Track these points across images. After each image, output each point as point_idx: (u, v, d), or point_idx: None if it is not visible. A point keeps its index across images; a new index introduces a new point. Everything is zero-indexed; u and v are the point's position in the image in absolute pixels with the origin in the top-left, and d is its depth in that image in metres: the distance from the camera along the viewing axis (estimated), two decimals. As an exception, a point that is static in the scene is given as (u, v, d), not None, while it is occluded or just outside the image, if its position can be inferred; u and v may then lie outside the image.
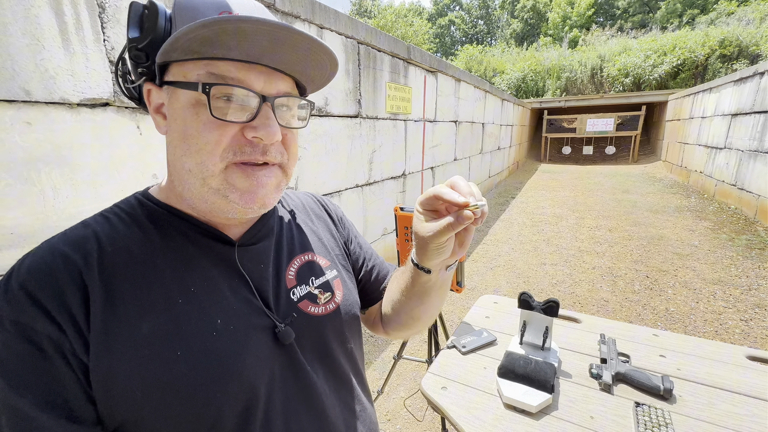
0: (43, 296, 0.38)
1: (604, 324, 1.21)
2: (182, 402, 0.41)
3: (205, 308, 0.45)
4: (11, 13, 1.07)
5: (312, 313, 0.55)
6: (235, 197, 0.45)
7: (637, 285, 3.44)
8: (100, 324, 0.40)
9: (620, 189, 7.88)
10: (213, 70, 0.41)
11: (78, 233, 0.44)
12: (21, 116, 1.12)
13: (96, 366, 0.39)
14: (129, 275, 0.43)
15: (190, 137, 0.43)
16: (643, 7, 29.55)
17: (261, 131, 0.43)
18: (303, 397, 0.51)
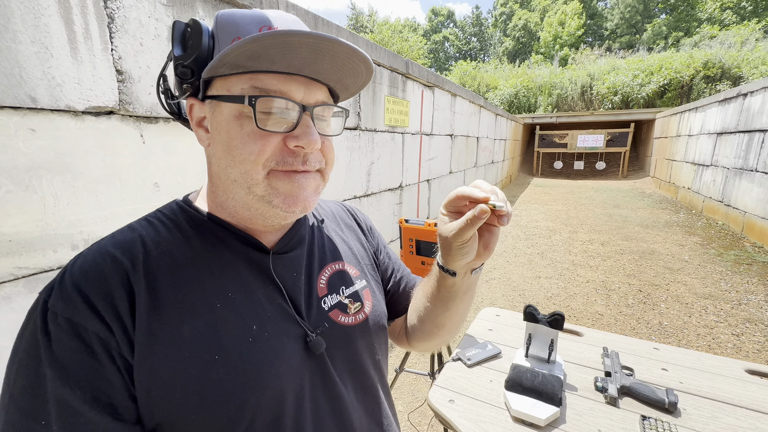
0: (94, 297, 0.40)
1: (606, 337, 1.22)
2: (218, 405, 0.42)
3: (242, 314, 0.46)
4: (21, 21, 1.08)
5: (342, 322, 0.55)
6: (279, 201, 0.46)
7: (631, 299, 3.48)
8: (145, 325, 0.41)
9: (611, 204, 8.02)
10: (257, 83, 0.43)
11: (126, 237, 0.46)
12: (26, 123, 1.12)
13: (139, 366, 0.40)
14: (171, 279, 0.44)
15: (235, 148, 0.44)
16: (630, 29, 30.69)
17: (302, 140, 0.44)
18: (331, 408, 0.50)
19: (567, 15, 28.01)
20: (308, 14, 2.25)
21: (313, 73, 0.45)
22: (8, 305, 1.12)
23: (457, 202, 0.48)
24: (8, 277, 1.12)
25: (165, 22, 1.46)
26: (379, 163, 3.33)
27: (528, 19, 33.68)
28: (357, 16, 27.72)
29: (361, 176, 3.07)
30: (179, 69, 0.44)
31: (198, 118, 0.48)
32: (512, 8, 36.56)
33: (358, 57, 0.44)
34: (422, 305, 0.61)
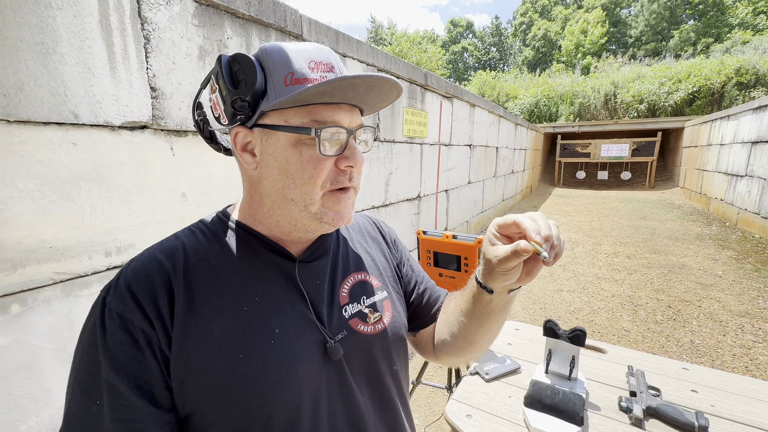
0: (141, 296, 0.45)
1: (631, 355, 1.18)
2: (240, 400, 0.45)
3: (266, 317, 0.50)
4: (68, 44, 1.17)
5: (361, 331, 0.57)
6: (329, 218, 0.52)
7: (660, 315, 3.33)
8: (182, 323, 0.46)
9: (637, 215, 7.74)
10: (315, 117, 0.48)
11: (171, 244, 0.52)
12: (68, 137, 1.20)
13: (175, 359, 0.45)
14: (206, 282, 0.49)
15: (294, 172, 0.49)
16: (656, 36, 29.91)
17: (351, 160, 0.51)
18: (347, 413, 0.52)
19: (589, 23, 27.62)
20: (329, 30, 2.32)
21: (359, 103, 0.52)
22: (47, 308, 1.19)
23: (510, 228, 0.48)
24: (48, 282, 1.19)
25: (195, 42, 1.54)
26: (397, 174, 3.35)
27: (548, 28, 33.40)
28: (377, 29, 28.25)
29: (380, 186, 3.10)
30: (238, 103, 0.47)
31: (243, 143, 0.52)
32: (532, 18, 36.38)
33: (396, 88, 0.50)
34: (455, 320, 0.61)
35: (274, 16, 1.88)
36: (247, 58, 0.47)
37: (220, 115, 0.51)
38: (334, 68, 0.49)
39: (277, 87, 0.47)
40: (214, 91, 0.51)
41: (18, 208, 1.10)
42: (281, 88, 0.47)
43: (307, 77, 0.47)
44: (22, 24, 1.06)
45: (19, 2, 1.05)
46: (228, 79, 0.48)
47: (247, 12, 1.71)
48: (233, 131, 0.52)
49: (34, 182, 1.13)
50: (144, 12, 1.35)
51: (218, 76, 0.49)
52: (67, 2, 1.15)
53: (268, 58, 0.48)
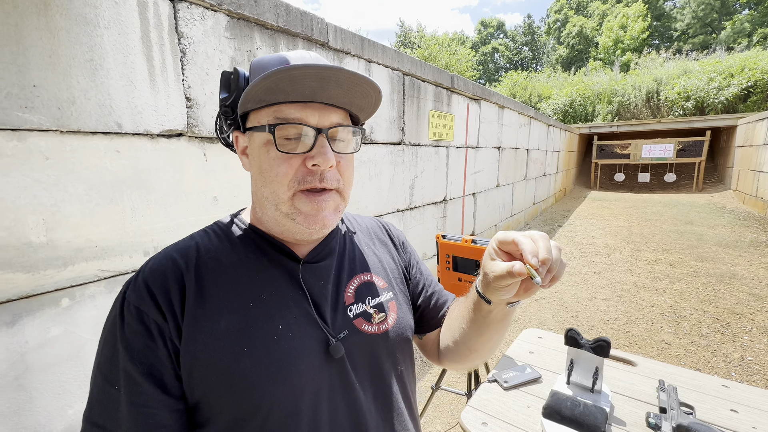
0: (156, 291, 0.49)
1: (664, 369, 1.11)
2: (243, 391, 0.48)
3: (271, 314, 0.52)
4: (113, 60, 1.27)
5: (365, 330, 0.58)
6: (301, 219, 0.52)
7: (706, 328, 3.09)
8: (192, 316, 0.49)
9: (683, 220, 7.24)
10: (278, 114, 0.50)
11: (185, 243, 0.56)
12: (113, 145, 1.30)
13: (185, 350, 0.48)
14: (216, 279, 0.52)
15: (265, 171, 0.52)
16: (705, 28, 27.95)
17: (318, 158, 0.50)
18: (348, 412, 0.53)
19: (629, 18, 26.24)
20: (355, 37, 2.36)
21: (325, 99, 0.50)
22: (92, 303, 1.30)
23: (510, 246, 0.48)
24: (93, 278, 1.29)
25: (227, 53, 1.63)
26: (422, 177, 3.34)
27: (584, 25, 32.07)
28: (405, 33, 28.34)
29: (404, 190, 3.11)
30: (222, 108, 0.53)
31: (242, 147, 0.57)
32: (567, 15, 35.09)
33: (363, 80, 0.49)
34: (457, 326, 0.62)
35: (301, 25, 1.94)
36: (237, 70, 0.52)
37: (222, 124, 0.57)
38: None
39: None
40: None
41: (68, 211, 1.21)
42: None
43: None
44: (74, 43, 1.17)
45: (72, 24, 1.16)
46: (223, 90, 0.54)
47: (275, 23, 1.79)
48: (233, 137, 0.56)
49: (83, 187, 1.24)
50: (181, 27, 1.45)
51: (220, 86, 0.55)
52: (113, 22, 1.26)
53: (252, 67, 0.53)
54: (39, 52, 1.11)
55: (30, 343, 1.15)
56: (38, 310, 1.17)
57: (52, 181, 1.17)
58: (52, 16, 1.12)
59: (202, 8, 1.51)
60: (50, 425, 1.21)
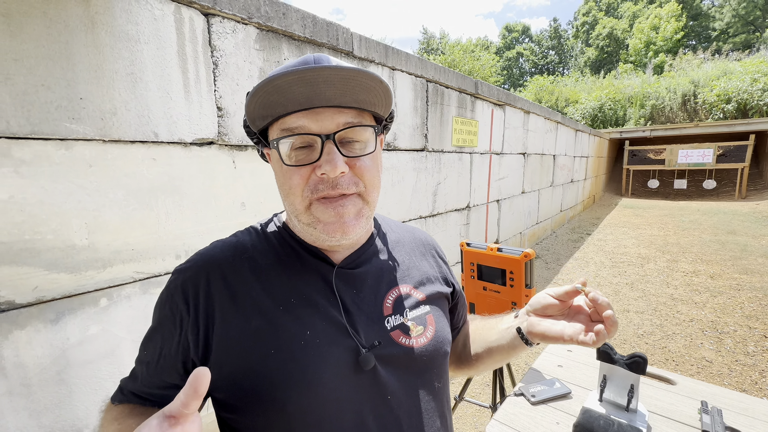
0: (189, 285, 0.53)
1: (706, 389, 1.03)
2: (267, 393, 0.48)
3: (300, 319, 0.52)
4: (152, 73, 1.34)
5: (402, 343, 0.56)
6: (321, 228, 0.51)
7: (752, 346, 2.87)
8: (224, 314, 0.51)
9: (724, 229, 6.80)
10: (282, 126, 0.49)
11: (226, 242, 0.58)
12: (150, 153, 1.37)
13: (218, 345, 0.50)
14: (250, 279, 0.54)
15: (282, 184, 0.52)
16: (747, 27, 26.47)
17: (325, 166, 0.47)
18: (377, 425, 0.51)
19: (662, 18, 25.21)
20: (379, 45, 2.39)
21: (323, 102, 0.47)
22: (128, 303, 1.36)
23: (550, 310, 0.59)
24: (129, 280, 1.36)
25: (256, 64, 1.69)
26: (445, 184, 3.32)
27: (614, 26, 31.08)
28: (428, 40, 28.43)
29: (427, 196, 3.09)
30: (245, 126, 0.54)
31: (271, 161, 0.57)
32: (596, 17, 34.16)
33: (352, 73, 0.45)
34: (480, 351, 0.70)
35: (327, 36, 1.99)
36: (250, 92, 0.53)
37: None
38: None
39: None
40: None
41: (108, 215, 1.28)
42: None
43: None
44: (117, 58, 1.25)
45: (115, 40, 1.24)
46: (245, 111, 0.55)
47: (302, 34, 1.84)
48: (265, 152, 0.57)
49: (122, 193, 1.31)
50: (214, 40, 1.51)
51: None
52: (152, 37, 1.33)
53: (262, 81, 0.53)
54: (86, 67, 1.18)
55: (71, 340, 1.22)
56: (79, 309, 1.24)
57: (95, 187, 1.24)
58: (98, 33, 1.20)
59: (234, 22, 1.57)
60: (87, 419, 1.27)
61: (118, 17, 1.24)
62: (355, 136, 0.50)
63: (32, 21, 1.07)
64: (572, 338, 0.54)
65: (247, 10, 1.59)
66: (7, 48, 1.03)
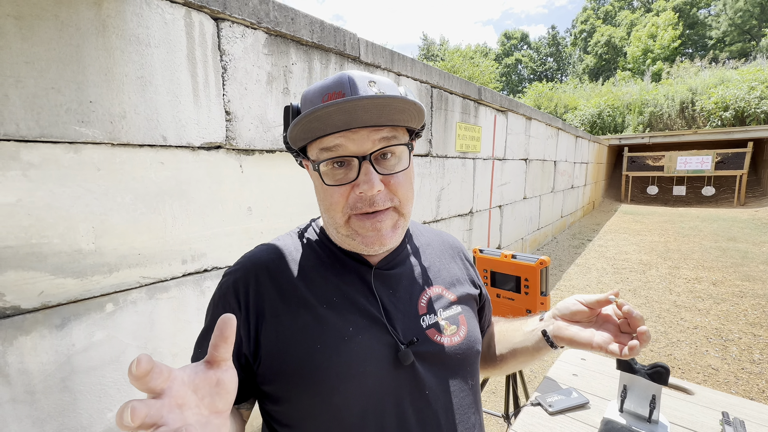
0: (240, 285, 0.56)
1: (725, 400, 1.02)
2: (314, 386, 0.51)
3: (343, 316, 0.55)
4: (161, 77, 1.33)
5: (438, 341, 0.58)
6: (360, 240, 0.55)
7: (758, 354, 2.86)
8: (273, 311, 0.55)
9: (724, 236, 6.82)
10: (321, 145, 0.52)
11: (272, 245, 0.62)
12: (158, 157, 1.36)
13: (267, 339, 0.53)
14: (295, 279, 0.57)
15: (322, 199, 0.56)
16: (743, 36, 26.80)
17: (362, 186, 0.51)
18: (417, 419, 0.54)
19: (659, 27, 25.48)
20: (385, 51, 2.40)
21: (360, 123, 0.49)
22: (134, 308, 1.34)
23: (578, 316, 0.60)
24: (135, 285, 1.34)
25: (265, 69, 1.69)
26: (449, 189, 3.31)
27: (612, 34, 31.40)
28: (428, 46, 28.65)
29: (431, 202, 3.08)
30: (284, 142, 0.57)
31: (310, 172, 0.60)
32: (594, 25, 34.52)
33: (388, 101, 0.48)
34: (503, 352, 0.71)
35: (335, 41, 1.99)
36: (290, 106, 0.56)
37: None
38: (343, 91, 0.50)
39: None
40: None
41: (116, 219, 1.26)
42: None
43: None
44: (127, 62, 1.24)
45: (126, 43, 1.23)
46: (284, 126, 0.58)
47: (310, 39, 1.84)
48: (304, 163, 0.60)
49: (129, 197, 1.29)
50: (223, 45, 1.51)
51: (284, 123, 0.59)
52: (162, 41, 1.32)
53: (302, 100, 0.56)
54: (96, 70, 1.17)
55: (76, 346, 1.20)
56: (84, 315, 1.21)
57: (103, 190, 1.23)
58: (109, 37, 1.19)
59: (243, 26, 1.57)
60: (91, 427, 1.24)
61: (129, 21, 1.24)
62: (392, 151, 0.54)
63: (44, 24, 1.06)
64: (601, 347, 0.55)
65: (257, 15, 1.59)
66: (18, 50, 1.02)
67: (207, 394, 0.34)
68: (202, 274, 1.55)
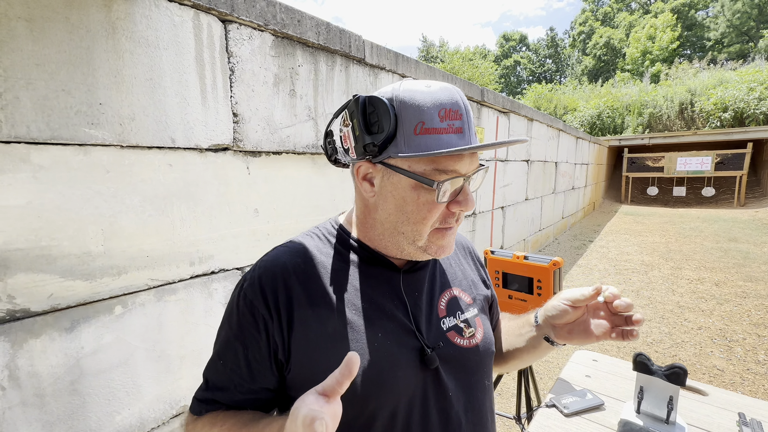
0: (267, 290, 0.54)
1: (740, 401, 1.01)
2: (350, 394, 0.48)
3: (371, 321, 0.55)
4: (170, 79, 1.33)
5: (458, 344, 0.59)
6: (433, 251, 0.56)
7: (762, 354, 2.86)
8: (302, 317, 0.53)
9: (725, 236, 6.82)
10: (438, 166, 0.50)
11: (294, 246, 0.59)
12: (166, 159, 1.36)
13: (297, 346, 0.53)
14: (322, 283, 0.56)
15: (409, 212, 0.53)
16: (741, 37, 26.91)
17: (464, 205, 0.53)
18: (440, 420, 0.55)
19: (657, 28, 25.58)
20: (390, 53, 2.40)
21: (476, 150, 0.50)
22: (142, 311, 1.33)
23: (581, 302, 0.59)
24: (143, 287, 1.33)
25: (271, 70, 1.68)
26: (452, 190, 3.31)
27: (611, 36, 31.52)
28: (428, 48, 28.73)
29: (435, 203, 3.08)
30: (370, 147, 0.51)
31: (364, 174, 0.56)
32: (592, 26, 34.64)
33: (511, 144, 0.50)
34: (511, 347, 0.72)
35: (340, 43, 1.99)
36: (382, 103, 0.50)
37: (349, 149, 0.55)
38: (462, 115, 0.50)
39: (406, 134, 0.49)
40: (347, 125, 0.55)
41: (124, 221, 1.26)
42: (410, 137, 0.49)
43: (436, 127, 0.48)
44: (137, 64, 1.24)
45: (135, 45, 1.23)
46: (362, 121, 0.52)
47: (316, 41, 1.84)
48: (357, 163, 0.56)
49: (138, 198, 1.29)
50: (231, 47, 1.51)
51: (353, 114, 0.53)
52: (171, 43, 1.32)
53: (401, 104, 0.49)
54: (106, 72, 1.17)
55: (85, 349, 1.19)
56: (93, 317, 1.21)
57: (111, 192, 1.22)
58: (119, 39, 1.19)
59: (250, 29, 1.57)
60: (100, 430, 1.23)
61: (139, 23, 1.24)
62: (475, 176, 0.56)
63: (55, 26, 1.06)
64: (599, 338, 0.58)
65: (264, 17, 1.59)
66: (29, 53, 1.02)
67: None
68: (210, 276, 1.54)
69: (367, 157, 0.53)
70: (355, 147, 0.53)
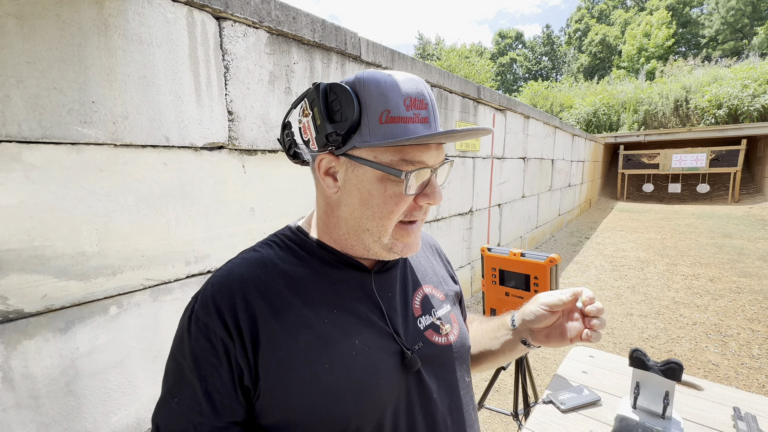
0: (224, 308, 0.48)
1: (735, 395, 1.02)
2: (327, 410, 0.47)
3: (346, 329, 0.51)
4: (164, 76, 1.32)
5: (437, 342, 0.58)
6: (398, 249, 0.53)
7: (756, 349, 2.89)
8: (268, 333, 0.48)
9: (720, 232, 6.88)
10: (405, 156, 0.48)
11: (251, 257, 0.54)
12: (161, 158, 1.34)
13: (265, 367, 0.47)
14: (287, 294, 0.51)
15: (375, 206, 0.50)
16: (736, 34, 27.05)
17: (432, 198, 0.51)
18: (426, 424, 0.53)
19: (652, 26, 25.67)
20: (386, 50, 2.39)
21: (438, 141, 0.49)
22: (137, 311, 1.32)
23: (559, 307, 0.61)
24: (139, 287, 1.32)
25: (267, 68, 1.67)
26: (449, 188, 3.31)
27: (606, 33, 31.59)
28: (424, 45, 28.68)
29: (432, 201, 3.08)
30: (332, 137, 0.47)
31: (327, 168, 0.52)
32: (588, 24, 34.71)
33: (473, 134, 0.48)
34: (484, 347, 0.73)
35: (336, 40, 1.98)
36: (345, 90, 0.47)
37: (309, 140, 0.51)
38: (427, 104, 0.48)
39: (372, 123, 0.46)
40: (307, 115, 0.51)
41: (119, 221, 1.25)
42: (376, 125, 0.46)
43: (402, 116, 0.46)
44: (129, 61, 1.22)
45: (128, 43, 1.21)
46: (324, 110, 0.48)
47: (312, 38, 1.83)
48: (319, 156, 0.52)
49: (132, 198, 1.28)
50: (225, 44, 1.50)
51: (314, 103, 0.49)
52: (164, 40, 1.31)
53: (365, 91, 0.47)
54: (98, 70, 1.16)
55: (80, 350, 1.18)
56: (88, 318, 1.20)
57: (105, 192, 1.21)
58: (111, 36, 1.18)
59: (245, 26, 1.56)
60: (96, 431, 1.23)
61: (131, 20, 1.22)
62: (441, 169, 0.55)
63: (46, 23, 1.05)
64: (573, 340, 0.60)
65: (258, 14, 1.58)
66: (20, 50, 1.01)
67: None
68: (206, 275, 1.53)
69: (330, 148, 0.49)
70: (317, 138, 0.50)
